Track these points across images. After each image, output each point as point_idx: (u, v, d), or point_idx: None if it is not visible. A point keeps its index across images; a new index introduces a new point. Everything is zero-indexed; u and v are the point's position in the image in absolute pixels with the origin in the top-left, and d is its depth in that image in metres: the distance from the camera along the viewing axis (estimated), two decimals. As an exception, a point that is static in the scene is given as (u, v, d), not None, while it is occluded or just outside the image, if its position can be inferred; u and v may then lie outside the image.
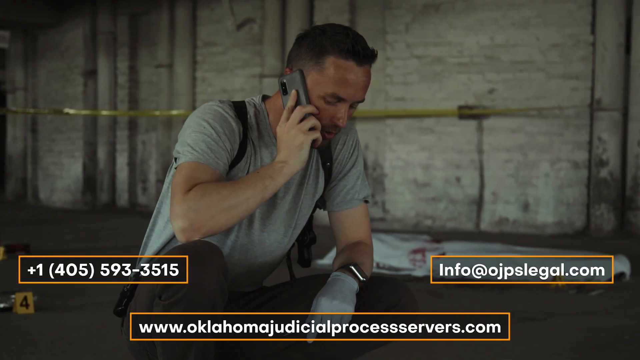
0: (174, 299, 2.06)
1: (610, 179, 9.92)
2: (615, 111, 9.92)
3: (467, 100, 10.97)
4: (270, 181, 2.17)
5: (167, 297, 2.07)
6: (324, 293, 2.23)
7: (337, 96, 2.21)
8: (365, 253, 2.43)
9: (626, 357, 3.73)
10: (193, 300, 2.05)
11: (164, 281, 2.06)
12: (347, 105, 2.24)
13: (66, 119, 16.17)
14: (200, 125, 2.23)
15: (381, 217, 11.42)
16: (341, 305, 2.21)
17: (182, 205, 2.09)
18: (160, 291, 2.08)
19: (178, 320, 2.08)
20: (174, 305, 2.07)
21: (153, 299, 2.12)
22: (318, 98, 2.22)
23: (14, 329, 4.22)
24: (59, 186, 16.62)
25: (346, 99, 2.22)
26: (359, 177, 2.49)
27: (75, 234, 10.00)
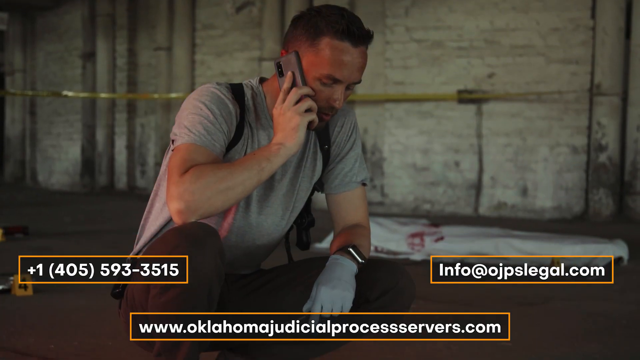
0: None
1: (609, 164, 9.92)
2: (615, 96, 9.91)
3: (466, 85, 10.95)
4: (266, 163, 2.16)
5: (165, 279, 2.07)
6: (323, 282, 2.22)
7: (333, 77, 2.20)
8: (363, 235, 2.43)
9: (624, 341, 3.74)
10: (190, 282, 2.05)
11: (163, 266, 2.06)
12: (344, 86, 2.23)
13: (65, 101, 16.14)
14: (197, 107, 2.22)
15: (380, 201, 11.42)
16: (342, 293, 2.20)
17: (178, 187, 2.08)
18: None
19: (175, 301, 2.07)
20: (170, 287, 2.06)
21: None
22: (314, 80, 2.21)
23: (12, 311, 4.23)
24: (57, 169, 16.60)
25: (342, 80, 2.21)
26: (357, 159, 2.48)
27: (74, 217, 9.99)
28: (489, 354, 3.44)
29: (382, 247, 6.74)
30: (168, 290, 2.07)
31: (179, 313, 2.10)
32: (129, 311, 2.30)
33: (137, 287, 2.20)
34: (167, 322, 2.12)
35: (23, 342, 3.50)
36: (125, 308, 2.32)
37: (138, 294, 2.20)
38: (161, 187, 2.37)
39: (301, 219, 2.51)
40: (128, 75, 14.88)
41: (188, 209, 2.07)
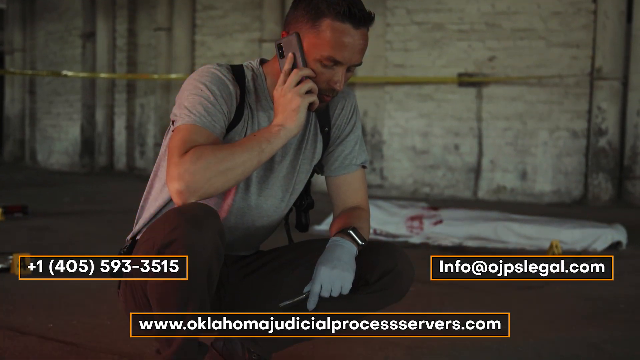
0: None
1: (609, 149, 9.91)
2: (615, 80, 9.90)
3: (467, 68, 10.92)
4: (267, 144, 2.15)
5: None
6: (323, 262, 2.22)
7: (334, 59, 2.19)
8: (363, 218, 2.43)
9: (621, 325, 3.75)
10: (189, 262, 2.05)
11: (163, 246, 2.06)
12: (344, 68, 2.22)
13: (64, 81, 16.11)
14: (197, 87, 2.21)
15: (379, 184, 11.42)
16: (341, 273, 2.20)
17: (178, 168, 2.08)
18: (157, 253, 2.08)
19: (175, 282, 2.07)
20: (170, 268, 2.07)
21: None
22: (315, 61, 2.20)
23: (11, 290, 4.23)
24: (56, 148, 16.59)
25: (343, 62, 2.20)
26: (357, 142, 2.48)
27: (73, 197, 9.99)
28: (486, 337, 3.44)
29: (381, 229, 6.74)
30: (168, 270, 2.07)
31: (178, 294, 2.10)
32: (128, 291, 2.30)
33: None
34: (167, 302, 2.12)
35: (21, 320, 3.50)
36: (125, 288, 2.32)
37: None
38: (161, 167, 2.36)
39: (300, 201, 2.52)
40: (128, 55, 14.85)
41: (188, 189, 2.07)
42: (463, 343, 3.33)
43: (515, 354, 3.19)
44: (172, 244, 2.05)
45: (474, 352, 3.20)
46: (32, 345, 3.09)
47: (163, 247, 2.06)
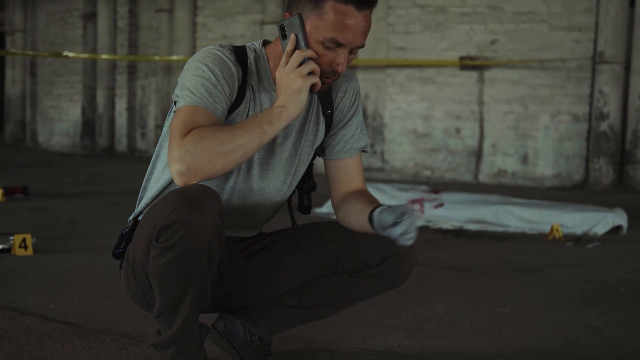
0: (170, 241, 2.06)
1: (610, 133, 9.91)
2: (618, 64, 9.87)
3: (468, 51, 10.90)
4: (268, 126, 2.15)
5: (164, 240, 2.07)
6: (402, 208, 2.14)
7: (336, 41, 2.17)
8: (375, 198, 2.43)
9: (621, 309, 3.76)
10: (190, 243, 2.05)
11: (163, 227, 2.06)
12: (347, 50, 2.20)
13: (65, 62, 16.08)
14: (199, 68, 2.21)
15: (380, 167, 11.42)
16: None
17: (180, 149, 2.07)
18: (158, 234, 2.08)
19: (176, 263, 2.08)
20: (170, 248, 2.07)
21: (150, 242, 2.12)
22: (317, 43, 2.18)
23: (12, 270, 4.24)
24: (57, 130, 16.58)
25: (345, 45, 2.19)
26: (359, 126, 2.47)
27: (74, 178, 10.00)
28: (487, 320, 3.45)
29: (381, 212, 6.73)
30: (168, 251, 2.07)
31: (180, 274, 2.10)
32: (130, 272, 2.30)
33: (138, 248, 2.21)
34: (168, 283, 2.12)
35: (23, 301, 3.51)
36: (126, 268, 2.32)
37: (139, 254, 2.20)
38: (163, 148, 2.36)
39: (302, 184, 2.51)
40: (129, 36, 14.81)
41: (189, 171, 2.07)
42: (462, 326, 3.33)
43: (515, 337, 3.20)
44: (173, 225, 2.05)
45: (474, 335, 3.20)
46: (33, 325, 3.10)
47: (164, 228, 2.06)
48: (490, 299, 3.88)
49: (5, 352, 2.72)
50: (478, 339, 3.14)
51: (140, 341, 2.89)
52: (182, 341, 2.22)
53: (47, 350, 2.77)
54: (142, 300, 2.34)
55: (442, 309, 3.63)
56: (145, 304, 2.35)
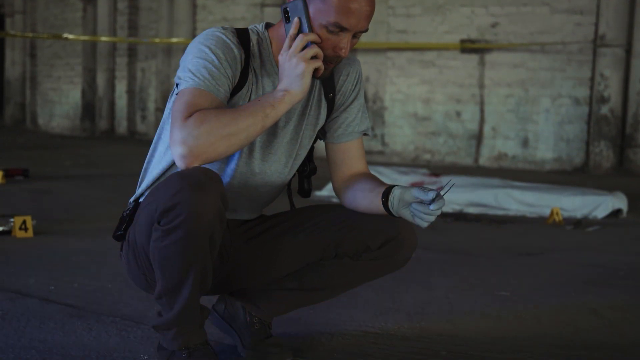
0: (172, 224, 2.06)
1: (611, 116, 9.89)
2: (619, 47, 9.85)
3: (469, 34, 10.88)
4: (271, 109, 2.14)
5: (166, 222, 2.07)
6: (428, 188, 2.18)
7: (340, 25, 2.16)
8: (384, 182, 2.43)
9: (621, 292, 3.76)
10: (192, 226, 2.05)
11: (166, 210, 2.06)
12: (350, 35, 2.19)
13: (65, 44, 16.05)
14: (202, 51, 2.20)
15: (380, 151, 11.41)
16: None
17: (182, 132, 2.07)
18: (159, 216, 2.08)
19: (177, 245, 2.08)
20: (172, 231, 2.07)
21: (152, 225, 2.12)
22: (320, 27, 2.17)
23: (12, 252, 4.24)
24: (57, 112, 16.57)
25: (349, 29, 2.17)
26: (360, 109, 2.47)
27: (75, 160, 10.00)
28: (487, 303, 3.46)
29: (381, 195, 6.73)
30: (169, 234, 2.08)
31: (181, 257, 2.11)
32: (131, 254, 2.30)
33: (139, 230, 2.21)
34: (170, 265, 2.13)
35: (23, 283, 3.52)
36: (127, 250, 2.32)
37: (140, 236, 2.20)
38: (164, 130, 2.36)
39: (303, 167, 2.51)
40: (129, 19, 14.77)
41: (191, 153, 2.06)
42: (462, 309, 3.34)
43: (514, 320, 3.20)
44: (174, 208, 2.05)
45: (474, 318, 3.21)
46: (34, 307, 3.10)
47: (166, 210, 2.06)
48: (489, 282, 3.88)
49: (5, 333, 2.73)
50: (477, 322, 3.15)
51: (140, 323, 2.89)
52: (183, 323, 2.23)
53: (48, 331, 2.77)
54: (143, 282, 2.35)
55: (441, 292, 3.63)
56: (146, 286, 2.36)
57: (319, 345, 2.72)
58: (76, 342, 2.66)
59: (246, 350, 2.53)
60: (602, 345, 2.88)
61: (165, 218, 2.07)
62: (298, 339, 2.77)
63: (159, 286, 2.19)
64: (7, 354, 2.49)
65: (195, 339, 2.26)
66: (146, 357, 2.51)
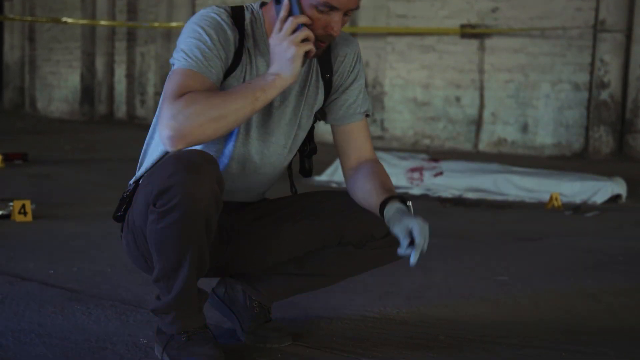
0: (168, 206, 2.06)
1: (611, 102, 9.88)
2: (619, 33, 9.83)
3: (469, 19, 10.85)
4: (261, 93, 2.13)
5: (161, 205, 2.08)
6: (412, 219, 2.15)
7: (330, 5, 2.15)
8: (386, 174, 2.42)
9: (619, 277, 3.76)
10: (187, 208, 2.06)
11: (161, 192, 2.06)
12: (341, 13, 2.18)
13: (64, 28, 16.00)
14: (195, 31, 2.20)
15: (380, 136, 11.40)
16: (426, 225, 2.15)
17: (171, 111, 2.06)
18: (155, 198, 2.08)
19: (173, 228, 2.08)
20: (168, 213, 2.07)
21: (148, 206, 2.12)
22: (310, 7, 2.16)
23: (12, 236, 4.24)
24: (56, 96, 16.54)
25: (339, 8, 2.16)
26: (361, 91, 2.46)
27: (74, 145, 9.99)
28: (486, 288, 3.46)
29: (381, 180, 6.73)
30: (165, 216, 2.08)
31: (177, 239, 2.10)
32: (130, 236, 2.30)
33: (137, 212, 2.21)
34: (166, 248, 2.13)
35: (22, 266, 3.52)
36: (127, 232, 2.32)
37: (138, 218, 2.20)
38: (162, 113, 2.35)
39: (303, 147, 2.50)
40: (128, 2, 14.73)
41: (178, 134, 2.06)
42: (461, 294, 3.34)
43: (513, 305, 3.21)
44: (169, 190, 2.05)
45: (473, 303, 3.21)
46: (34, 291, 3.11)
47: (161, 192, 2.06)
48: (488, 267, 3.89)
49: (5, 317, 2.73)
50: (476, 307, 3.15)
51: (140, 307, 2.90)
52: (181, 306, 2.23)
53: (47, 315, 2.78)
54: (143, 263, 2.35)
55: (440, 276, 3.64)
56: (146, 267, 2.36)
57: (318, 330, 2.73)
58: (75, 326, 2.66)
59: (245, 335, 2.54)
60: (600, 330, 2.88)
61: (160, 200, 2.07)
62: (297, 323, 2.77)
63: (156, 269, 2.19)
64: (7, 338, 2.50)
65: (194, 323, 2.27)
66: (145, 340, 2.51)
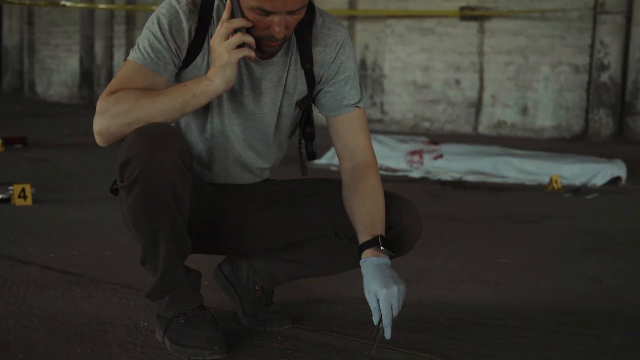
0: (130, 179, 2.07)
1: (611, 84, 9.87)
2: (619, 14, 9.80)
3: (469, 1, 10.82)
4: (192, 97, 2.11)
5: (125, 178, 2.09)
6: (376, 287, 2.13)
7: (263, 9, 2.07)
8: (380, 193, 2.34)
9: (619, 259, 3.77)
10: (148, 179, 2.05)
11: (122, 165, 2.07)
12: (281, 16, 2.09)
13: (63, 11, 15.95)
14: (152, 21, 2.20)
15: (379, 119, 11.39)
16: (397, 287, 2.14)
17: (101, 107, 2.10)
18: (119, 172, 2.10)
19: (138, 201, 2.09)
20: (132, 186, 2.08)
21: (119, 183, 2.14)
22: (249, 10, 2.09)
23: (11, 220, 4.24)
24: (55, 80, 16.51)
25: (274, 12, 2.07)
26: (348, 82, 2.35)
27: (73, 129, 9.97)
28: (486, 270, 3.46)
29: (381, 164, 6.73)
30: (131, 189, 2.09)
31: (143, 213, 2.11)
32: (122, 215, 2.30)
33: (115, 188, 2.26)
34: (139, 224, 2.13)
35: (22, 250, 3.52)
36: (121, 206, 2.32)
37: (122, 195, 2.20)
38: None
39: (303, 131, 2.45)
40: (127, -14, 14.68)
41: (107, 130, 2.10)
42: (461, 277, 3.35)
43: (513, 287, 3.21)
44: (130, 162, 2.06)
45: (472, 285, 3.22)
46: (34, 274, 3.11)
47: (122, 164, 2.08)
48: (488, 250, 3.89)
49: (5, 300, 2.73)
50: (476, 289, 3.16)
51: (140, 290, 2.89)
52: (170, 286, 2.22)
53: (48, 299, 2.78)
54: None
55: (440, 259, 3.64)
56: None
57: (319, 313, 2.74)
58: (76, 309, 2.67)
59: (246, 317, 2.54)
60: (600, 312, 2.89)
61: (123, 174, 2.08)
62: (298, 306, 2.78)
63: (140, 250, 2.19)
64: (7, 321, 2.50)
65: (191, 304, 2.25)
66: (146, 324, 2.51)
